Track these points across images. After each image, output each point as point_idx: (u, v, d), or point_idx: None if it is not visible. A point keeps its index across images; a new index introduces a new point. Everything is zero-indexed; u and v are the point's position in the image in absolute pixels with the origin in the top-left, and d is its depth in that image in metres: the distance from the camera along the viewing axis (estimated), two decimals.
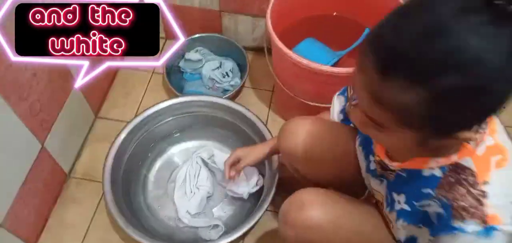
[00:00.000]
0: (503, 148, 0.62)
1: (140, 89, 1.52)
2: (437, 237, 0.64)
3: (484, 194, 0.59)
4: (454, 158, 0.61)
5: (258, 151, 1.09)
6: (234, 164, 1.10)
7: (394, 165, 0.71)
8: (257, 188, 1.18)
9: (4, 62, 0.94)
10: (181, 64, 1.52)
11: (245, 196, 1.16)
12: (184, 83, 1.50)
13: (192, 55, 1.51)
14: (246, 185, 1.17)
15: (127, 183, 1.22)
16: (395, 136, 0.57)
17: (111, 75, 1.53)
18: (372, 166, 0.82)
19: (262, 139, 1.21)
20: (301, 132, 0.94)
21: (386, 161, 0.73)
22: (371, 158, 0.82)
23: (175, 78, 1.48)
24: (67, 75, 1.22)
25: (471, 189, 0.59)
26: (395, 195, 0.74)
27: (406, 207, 0.71)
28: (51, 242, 1.19)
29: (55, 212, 1.24)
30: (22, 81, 1.02)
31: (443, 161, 0.62)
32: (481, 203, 0.59)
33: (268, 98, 1.49)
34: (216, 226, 1.16)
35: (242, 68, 1.52)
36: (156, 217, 1.22)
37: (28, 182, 1.10)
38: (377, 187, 0.81)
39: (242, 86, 1.47)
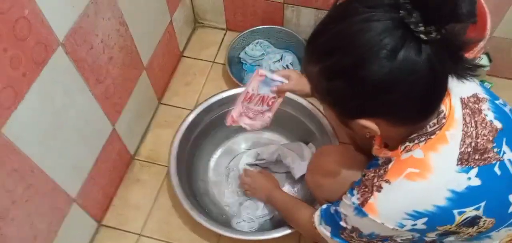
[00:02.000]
0: (428, 166, 0.62)
1: (201, 78, 1.55)
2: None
3: (379, 188, 0.65)
4: (389, 154, 0.68)
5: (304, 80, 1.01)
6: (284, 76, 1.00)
7: (374, 152, 0.79)
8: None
9: (86, 44, 0.99)
10: (242, 55, 1.54)
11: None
12: (244, 74, 1.52)
13: (252, 49, 1.52)
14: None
15: (190, 167, 1.25)
16: (326, 110, 0.67)
17: (175, 63, 1.57)
18: None
19: (324, 133, 1.21)
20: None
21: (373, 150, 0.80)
22: None
23: (235, 69, 1.50)
24: (137, 61, 1.27)
25: (375, 179, 0.66)
26: None
27: None
28: (116, 220, 1.25)
29: (120, 192, 1.30)
30: (100, 64, 1.07)
31: (387, 153, 0.69)
32: (371, 192, 0.66)
33: None
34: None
35: (301, 61, 1.52)
36: (215, 202, 1.25)
37: (99, 161, 1.15)
38: None
39: None
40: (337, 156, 0.89)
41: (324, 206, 0.82)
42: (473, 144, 0.63)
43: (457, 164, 0.62)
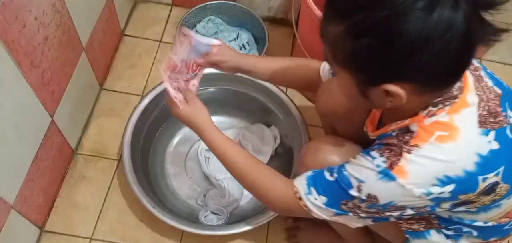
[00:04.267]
0: (456, 129, 0.61)
1: (148, 59, 1.41)
2: (356, 156, 0.68)
3: (409, 151, 0.61)
4: (406, 122, 0.64)
5: (237, 58, 0.93)
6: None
7: (371, 133, 0.77)
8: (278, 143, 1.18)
9: (18, 22, 0.82)
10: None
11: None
12: None
13: (204, 27, 1.41)
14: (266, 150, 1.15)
15: (145, 160, 1.13)
16: (342, 80, 0.63)
17: (116, 43, 1.41)
18: None
19: (289, 113, 1.16)
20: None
21: (368, 131, 0.78)
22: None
23: None
24: (76, 41, 1.10)
25: (402, 144, 0.62)
26: None
27: None
28: (61, 224, 1.09)
29: (63, 193, 1.14)
30: (34, 44, 0.90)
31: (400, 124, 0.65)
32: (400, 155, 0.61)
33: None
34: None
35: (257, 39, 1.44)
36: (176, 196, 1.15)
37: (38, 159, 0.99)
38: None
39: None
40: (335, 149, 0.82)
41: (310, 173, 0.73)
42: (486, 107, 0.63)
43: (478, 127, 0.61)
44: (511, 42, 1.39)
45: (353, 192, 0.65)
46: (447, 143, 0.60)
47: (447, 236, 0.75)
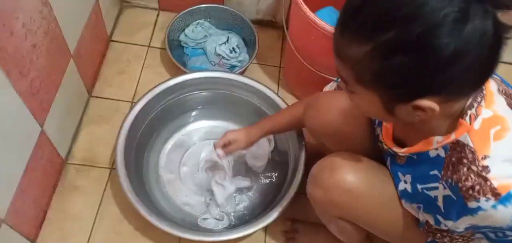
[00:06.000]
0: (502, 118, 0.60)
1: (136, 65, 1.39)
2: (460, 219, 0.64)
3: (486, 169, 0.59)
4: (452, 136, 0.61)
5: (251, 135, 1.04)
6: (225, 146, 1.04)
7: (402, 151, 0.72)
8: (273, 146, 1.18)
9: (5, 29, 0.80)
10: (182, 37, 1.41)
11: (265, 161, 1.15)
12: (187, 59, 1.39)
13: (193, 30, 1.40)
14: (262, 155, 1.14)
15: (139, 167, 1.11)
16: (363, 99, 0.60)
17: (103, 49, 1.38)
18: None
19: None
20: (334, 109, 0.88)
21: (395, 149, 0.74)
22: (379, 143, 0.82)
23: (176, 53, 1.36)
24: (64, 48, 1.08)
25: (472, 167, 0.60)
26: (400, 175, 0.75)
27: (409, 189, 0.74)
28: (55, 237, 1.06)
29: (54, 204, 1.10)
30: (22, 53, 0.88)
31: (444, 140, 0.62)
32: (485, 179, 0.59)
33: (276, 74, 1.42)
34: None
35: (246, 43, 1.43)
36: (172, 203, 1.13)
37: (29, 171, 0.96)
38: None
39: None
40: (353, 167, 0.78)
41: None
42: (503, 90, 0.63)
43: (511, 109, 0.62)
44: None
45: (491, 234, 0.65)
46: (506, 136, 0.59)
47: None
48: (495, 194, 0.58)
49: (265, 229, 1.11)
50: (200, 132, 1.24)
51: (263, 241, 1.12)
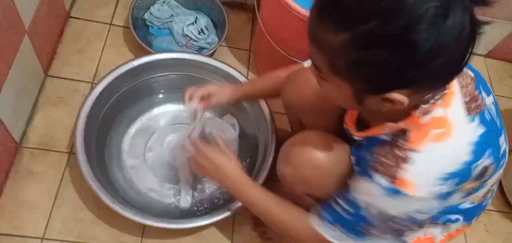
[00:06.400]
0: (449, 123, 0.60)
1: (97, 44, 1.31)
2: (354, 177, 0.68)
3: (405, 159, 0.60)
4: (401, 124, 0.62)
5: (231, 92, 1.00)
6: (204, 98, 0.98)
7: (357, 135, 0.74)
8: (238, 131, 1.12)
9: None
10: (147, 16, 1.34)
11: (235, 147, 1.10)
12: (152, 39, 1.32)
13: (159, 9, 1.33)
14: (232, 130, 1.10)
15: (101, 152, 1.06)
16: (333, 88, 0.59)
17: (61, 25, 1.29)
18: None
19: (255, 106, 1.13)
20: (314, 85, 0.87)
21: (352, 131, 0.75)
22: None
23: (140, 32, 1.29)
24: (17, 23, 0.99)
25: (396, 150, 0.61)
26: (352, 158, 0.77)
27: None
28: (8, 226, 0.99)
29: (8, 191, 1.03)
30: None
31: (393, 126, 0.63)
32: (398, 165, 0.60)
33: (246, 57, 1.39)
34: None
35: (215, 24, 1.39)
36: (136, 190, 1.08)
37: None
38: None
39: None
40: (322, 145, 0.78)
41: (319, 207, 0.74)
42: (468, 93, 0.62)
43: (467, 115, 0.61)
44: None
45: (365, 213, 0.65)
46: (444, 141, 0.59)
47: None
48: (392, 181, 0.60)
49: (233, 216, 1.09)
50: (166, 116, 1.19)
51: (231, 228, 1.10)
